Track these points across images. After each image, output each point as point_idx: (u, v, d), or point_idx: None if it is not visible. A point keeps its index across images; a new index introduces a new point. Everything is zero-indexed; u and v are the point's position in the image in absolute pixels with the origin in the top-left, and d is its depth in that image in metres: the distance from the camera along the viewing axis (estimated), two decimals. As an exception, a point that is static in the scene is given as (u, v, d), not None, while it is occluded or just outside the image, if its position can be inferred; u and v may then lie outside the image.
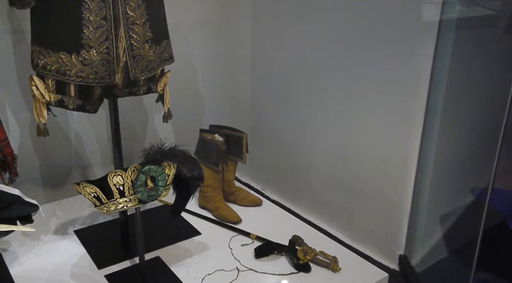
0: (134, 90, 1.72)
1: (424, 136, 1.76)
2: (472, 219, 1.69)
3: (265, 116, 2.48)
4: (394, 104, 1.82)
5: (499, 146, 1.49)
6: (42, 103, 1.59)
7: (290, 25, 2.19)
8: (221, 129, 2.23)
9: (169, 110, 1.89)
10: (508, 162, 1.63)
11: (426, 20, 1.67)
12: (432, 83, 1.70)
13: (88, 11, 1.46)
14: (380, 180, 1.94)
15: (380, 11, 1.78)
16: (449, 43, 1.68)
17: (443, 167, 1.83)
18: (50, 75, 1.55)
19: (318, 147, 2.20)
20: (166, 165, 1.58)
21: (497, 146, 1.49)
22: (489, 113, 1.74)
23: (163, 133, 2.43)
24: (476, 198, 1.78)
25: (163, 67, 1.76)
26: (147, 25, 1.59)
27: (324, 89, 2.10)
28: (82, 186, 1.54)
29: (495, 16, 1.72)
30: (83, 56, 1.51)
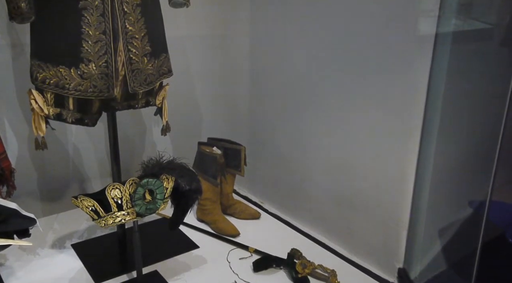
0: (133, 103, 1.73)
1: (421, 149, 1.76)
2: (471, 232, 1.69)
3: (264, 129, 2.49)
4: (392, 118, 1.83)
5: (496, 159, 1.49)
6: (40, 116, 1.59)
7: (288, 39, 2.20)
8: (219, 142, 2.23)
9: (167, 123, 1.89)
10: (506, 174, 1.63)
11: (423, 33, 1.69)
12: (429, 97, 1.71)
13: (88, 26, 1.48)
14: (378, 193, 1.94)
15: (377, 24, 1.80)
16: (446, 56, 1.69)
17: (441, 180, 1.83)
18: (49, 89, 1.55)
19: (317, 160, 2.20)
20: (165, 178, 1.58)
21: (494, 159, 1.50)
22: (486, 126, 1.74)
23: (161, 146, 2.43)
24: (474, 211, 1.78)
25: (161, 80, 1.77)
26: (146, 39, 1.61)
27: (322, 103, 2.11)
28: (80, 199, 1.53)
29: (490, 30, 1.74)
30: (82, 70, 1.51)
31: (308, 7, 2.05)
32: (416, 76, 1.71)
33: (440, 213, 1.92)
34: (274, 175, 2.48)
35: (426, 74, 1.69)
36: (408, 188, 1.82)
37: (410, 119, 1.76)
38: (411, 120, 1.76)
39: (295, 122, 2.27)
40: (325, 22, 2.00)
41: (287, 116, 2.31)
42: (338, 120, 2.05)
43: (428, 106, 1.72)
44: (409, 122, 1.77)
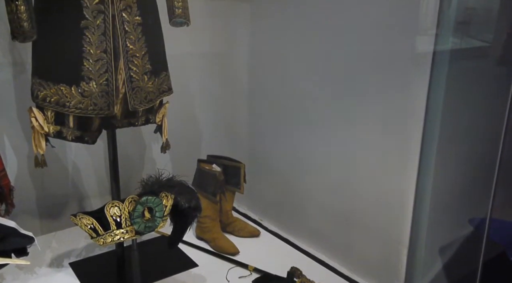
0: (133, 121, 1.73)
1: (421, 167, 1.76)
2: (472, 250, 1.68)
3: (263, 146, 2.49)
4: (391, 136, 1.83)
5: (495, 177, 1.49)
6: (40, 134, 1.60)
7: (288, 57, 2.22)
8: (219, 159, 2.23)
9: (167, 140, 1.89)
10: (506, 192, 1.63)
11: (421, 51, 1.71)
12: (427, 115, 1.72)
13: (89, 44, 1.49)
14: (378, 211, 1.93)
15: (375, 43, 1.82)
16: (443, 74, 1.70)
17: (441, 198, 1.83)
18: (49, 107, 1.56)
19: (316, 178, 2.19)
20: (164, 195, 1.58)
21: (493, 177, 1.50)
22: (485, 143, 1.75)
23: (161, 164, 2.43)
24: (475, 229, 1.77)
25: (161, 98, 1.78)
26: (147, 58, 1.62)
27: (321, 121, 2.11)
28: (79, 217, 1.53)
29: (488, 48, 1.75)
30: (83, 88, 1.52)
31: (308, 26, 2.08)
32: (414, 94, 1.73)
33: (441, 231, 1.91)
34: (274, 192, 2.47)
35: (424, 92, 1.70)
36: (408, 206, 1.82)
37: (409, 137, 1.77)
38: (410, 138, 1.76)
39: (294, 139, 2.27)
40: (324, 41, 2.02)
41: (286, 133, 2.32)
42: (337, 138, 2.06)
43: (427, 124, 1.73)
44: (408, 140, 1.77)
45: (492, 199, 1.52)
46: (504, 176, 1.50)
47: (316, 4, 2.01)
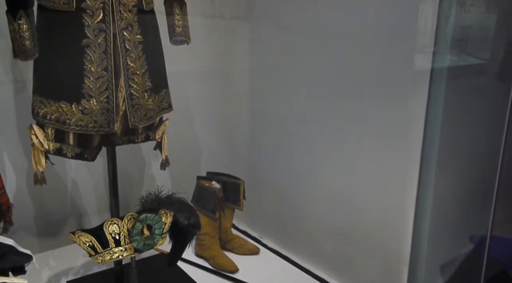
0: (133, 138, 1.74)
1: (420, 184, 1.76)
2: (473, 268, 1.67)
3: (263, 163, 2.49)
4: (390, 153, 1.84)
5: (495, 194, 1.49)
6: (40, 151, 1.60)
7: (287, 74, 2.24)
8: (218, 176, 2.23)
9: (166, 157, 1.90)
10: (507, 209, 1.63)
11: (419, 69, 1.72)
12: (426, 132, 1.73)
13: (90, 62, 1.51)
14: (378, 228, 1.92)
15: (375, 61, 1.84)
16: (442, 91, 1.72)
17: (441, 215, 1.82)
18: (49, 124, 1.57)
19: (316, 195, 2.19)
20: (163, 213, 1.57)
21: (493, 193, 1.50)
22: (484, 159, 1.75)
23: (160, 180, 2.43)
24: (476, 247, 1.76)
25: (161, 115, 1.79)
26: (147, 75, 1.64)
27: (321, 137, 2.12)
28: (78, 235, 1.52)
29: (485, 65, 1.77)
30: (83, 106, 1.53)
31: (307, 44, 2.10)
32: (413, 111, 1.73)
33: (441, 248, 1.90)
34: (273, 209, 2.46)
35: (423, 109, 1.71)
36: (408, 223, 1.81)
37: (408, 153, 1.77)
38: (410, 155, 1.77)
39: (294, 156, 2.27)
40: (324, 59, 2.04)
41: (286, 150, 2.32)
42: (337, 154, 2.06)
43: (426, 141, 1.73)
44: (408, 156, 1.77)
45: (492, 216, 1.52)
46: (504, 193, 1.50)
47: (316, 23, 2.04)
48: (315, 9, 2.03)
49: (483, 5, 1.75)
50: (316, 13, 2.03)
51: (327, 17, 1.98)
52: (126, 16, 1.54)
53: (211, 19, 2.47)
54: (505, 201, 1.55)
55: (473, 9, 1.72)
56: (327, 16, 1.98)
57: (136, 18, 1.57)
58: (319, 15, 2.01)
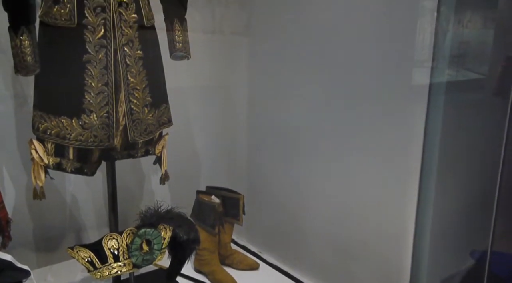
0: (132, 153, 1.74)
1: (420, 199, 1.76)
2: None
3: (262, 177, 2.49)
4: (390, 167, 1.84)
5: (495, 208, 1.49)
6: (40, 166, 1.60)
7: (287, 88, 2.25)
8: (217, 190, 2.23)
9: (166, 172, 1.90)
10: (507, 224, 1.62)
11: (417, 83, 1.73)
12: (425, 146, 1.73)
13: (91, 78, 1.52)
14: (379, 243, 1.91)
15: (373, 75, 1.85)
16: (440, 106, 1.73)
17: (442, 229, 1.82)
18: (50, 139, 1.57)
19: (316, 210, 2.18)
20: (162, 228, 1.57)
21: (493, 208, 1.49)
22: (483, 173, 1.75)
23: (160, 195, 2.42)
24: (476, 262, 1.75)
25: (161, 130, 1.79)
26: (147, 90, 1.65)
27: (321, 152, 2.12)
28: (76, 250, 1.51)
29: (483, 80, 1.78)
30: (84, 120, 1.54)
31: (306, 58, 2.12)
32: (412, 125, 1.74)
33: (442, 263, 1.89)
34: (273, 224, 2.45)
35: (422, 123, 1.72)
36: (409, 237, 1.80)
37: (408, 167, 1.77)
38: (409, 169, 1.77)
39: (294, 171, 2.27)
40: (323, 73, 2.05)
41: (285, 165, 2.32)
42: (336, 169, 2.06)
43: (425, 155, 1.74)
44: (407, 170, 1.77)
45: (492, 231, 1.51)
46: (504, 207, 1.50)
47: (314, 38, 2.05)
48: (313, 24, 2.05)
49: (481, 21, 1.76)
50: (315, 28, 2.05)
51: (326, 32, 2.00)
52: (127, 32, 1.55)
53: (211, 35, 2.50)
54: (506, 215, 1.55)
55: (470, 24, 1.74)
56: (325, 31, 2.00)
57: (137, 34, 1.59)
58: (318, 30, 2.03)
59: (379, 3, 1.78)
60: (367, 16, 1.83)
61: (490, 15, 1.71)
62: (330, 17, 1.97)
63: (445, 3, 1.66)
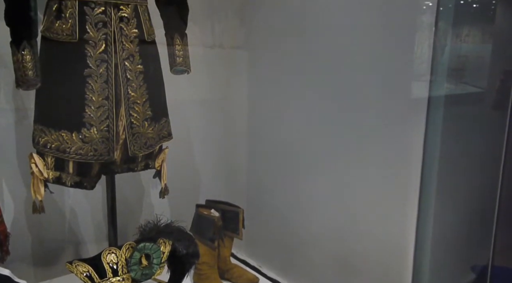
0: (132, 167, 1.74)
1: (420, 213, 1.76)
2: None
3: (262, 191, 2.48)
4: (390, 181, 1.84)
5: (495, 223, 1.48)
6: (40, 180, 1.60)
7: (286, 102, 2.26)
8: (217, 204, 2.22)
9: (166, 185, 1.90)
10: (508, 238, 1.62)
11: (416, 97, 1.74)
12: (425, 158, 1.73)
13: (91, 92, 1.52)
14: (379, 257, 1.90)
15: (373, 89, 1.86)
16: (439, 119, 1.73)
17: (442, 244, 1.81)
18: (50, 153, 1.58)
19: (316, 224, 2.18)
20: (162, 242, 1.56)
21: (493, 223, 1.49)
22: (483, 187, 1.75)
23: (159, 208, 2.41)
24: (477, 277, 1.74)
25: (161, 144, 1.80)
26: (148, 104, 1.65)
27: (320, 165, 2.12)
28: (75, 264, 1.50)
29: (482, 93, 1.79)
30: (84, 134, 1.54)
31: (305, 72, 2.13)
32: (411, 138, 1.75)
33: (443, 278, 1.87)
34: (273, 238, 2.44)
35: (421, 137, 1.72)
36: (409, 252, 1.80)
37: (407, 181, 1.77)
38: (409, 183, 1.77)
39: (293, 184, 2.27)
40: (322, 87, 2.06)
41: (285, 178, 2.32)
42: (336, 182, 2.06)
43: (425, 168, 1.74)
44: (407, 184, 1.77)
45: (493, 246, 1.51)
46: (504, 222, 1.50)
47: (313, 52, 2.07)
48: (312, 38, 2.07)
49: (479, 35, 1.78)
50: (314, 42, 2.06)
51: (325, 47, 2.02)
52: (128, 47, 1.57)
53: (210, 49, 2.52)
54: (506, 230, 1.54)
55: (468, 39, 1.75)
56: (325, 45, 2.02)
57: (138, 49, 1.60)
58: (317, 45, 2.05)
59: (378, 17, 1.80)
60: (366, 31, 1.85)
61: (488, 29, 1.73)
62: (330, 31, 1.99)
63: (443, 17, 1.68)
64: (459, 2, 1.69)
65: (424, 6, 1.71)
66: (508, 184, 1.62)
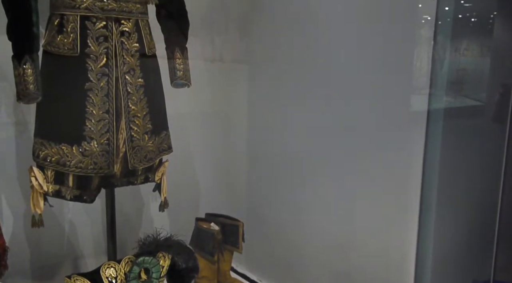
0: (132, 180, 1.74)
1: (420, 227, 1.75)
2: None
3: (262, 205, 2.48)
4: (389, 195, 1.83)
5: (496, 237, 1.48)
6: (39, 193, 1.60)
7: (286, 117, 2.27)
8: (217, 217, 2.21)
9: (165, 199, 1.89)
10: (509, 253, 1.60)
11: (415, 110, 1.75)
12: (425, 172, 1.73)
13: (92, 105, 1.53)
14: (379, 272, 1.89)
15: (372, 103, 1.86)
16: (439, 132, 1.73)
17: (443, 259, 1.80)
18: (50, 166, 1.57)
19: (316, 237, 2.16)
20: (161, 256, 1.55)
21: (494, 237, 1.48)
22: (483, 201, 1.75)
23: (159, 222, 2.40)
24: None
25: (161, 157, 1.79)
26: (148, 118, 1.66)
27: (320, 180, 2.12)
28: (74, 279, 1.49)
29: (481, 106, 1.80)
30: (84, 147, 1.54)
31: (305, 86, 2.14)
32: (411, 151, 1.75)
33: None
34: (273, 252, 2.43)
35: (421, 150, 1.72)
36: (410, 267, 1.78)
37: (407, 196, 1.77)
38: (409, 197, 1.76)
39: (293, 198, 2.26)
40: (322, 101, 2.07)
41: (285, 192, 2.31)
42: (336, 197, 2.05)
43: (425, 183, 1.74)
44: (407, 199, 1.77)
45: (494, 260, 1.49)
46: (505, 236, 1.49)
47: (313, 66, 2.08)
48: (312, 52, 2.08)
49: (477, 49, 1.79)
50: (313, 56, 2.08)
51: (324, 61, 2.03)
52: (129, 61, 1.58)
53: (210, 63, 2.53)
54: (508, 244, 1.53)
55: (467, 52, 1.76)
56: (324, 59, 2.03)
57: (138, 63, 1.61)
58: (316, 59, 2.06)
59: (377, 31, 1.82)
60: (366, 45, 1.86)
61: (486, 43, 1.74)
62: (329, 45, 2.00)
63: (442, 31, 1.69)
64: (457, 16, 1.71)
65: (423, 20, 1.72)
66: (509, 197, 1.61)
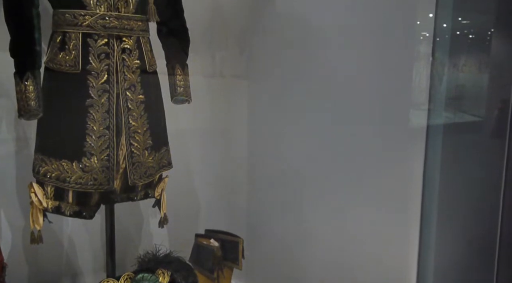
0: (132, 196, 1.74)
1: (422, 241, 1.74)
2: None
3: (262, 221, 2.47)
4: (390, 211, 1.83)
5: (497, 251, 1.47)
6: (39, 209, 1.59)
7: (286, 133, 2.27)
8: (216, 234, 2.20)
9: (165, 215, 1.88)
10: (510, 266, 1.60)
11: (415, 126, 1.75)
12: (425, 187, 1.73)
13: (93, 121, 1.53)
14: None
15: (372, 118, 1.87)
16: (438, 147, 1.74)
17: (444, 274, 1.78)
18: (49, 182, 1.57)
19: (317, 254, 2.15)
20: (160, 272, 1.54)
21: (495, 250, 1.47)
22: (484, 216, 1.74)
23: (158, 238, 2.38)
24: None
25: (161, 173, 1.79)
26: (148, 133, 1.66)
27: (320, 194, 2.11)
28: (72, 296, 1.48)
29: (480, 122, 1.80)
30: (84, 163, 1.54)
31: (306, 101, 2.15)
32: (411, 166, 1.75)
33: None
34: (273, 268, 2.41)
35: (420, 165, 1.73)
36: (412, 281, 1.77)
37: (408, 210, 1.76)
38: (409, 211, 1.76)
39: (293, 214, 2.26)
40: (323, 116, 2.08)
41: (285, 208, 2.31)
42: (336, 211, 2.05)
43: (425, 197, 1.73)
44: (407, 213, 1.77)
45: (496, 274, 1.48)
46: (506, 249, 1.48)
47: (313, 81, 2.09)
48: (312, 67, 2.09)
49: (475, 65, 1.81)
50: (313, 71, 2.09)
51: (324, 76, 2.04)
52: (130, 77, 1.59)
53: (211, 78, 2.55)
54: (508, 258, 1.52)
55: (465, 68, 1.78)
56: (324, 74, 2.04)
57: (139, 79, 1.62)
58: (316, 74, 2.08)
59: (376, 47, 1.83)
60: (365, 61, 1.88)
61: (484, 59, 1.76)
62: (329, 61, 2.02)
63: (440, 48, 1.71)
64: (455, 32, 1.72)
65: (421, 36, 1.74)
66: (509, 212, 1.61)
